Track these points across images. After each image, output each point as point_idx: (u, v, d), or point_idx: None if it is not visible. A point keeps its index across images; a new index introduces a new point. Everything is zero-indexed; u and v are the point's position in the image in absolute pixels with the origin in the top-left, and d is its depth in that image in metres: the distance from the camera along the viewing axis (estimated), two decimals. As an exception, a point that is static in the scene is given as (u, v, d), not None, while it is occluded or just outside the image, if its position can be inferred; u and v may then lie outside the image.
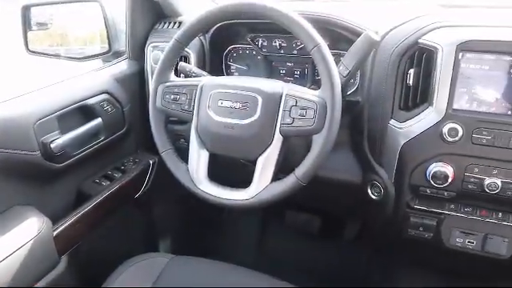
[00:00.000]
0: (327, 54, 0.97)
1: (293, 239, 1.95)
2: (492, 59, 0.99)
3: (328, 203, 1.54)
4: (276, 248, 1.96)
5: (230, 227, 2.03)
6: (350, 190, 1.27)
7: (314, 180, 1.27)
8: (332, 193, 1.37)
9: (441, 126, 1.03)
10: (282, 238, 1.98)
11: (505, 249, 1.08)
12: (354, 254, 1.81)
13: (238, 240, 2.00)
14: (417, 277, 1.52)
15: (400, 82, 1.09)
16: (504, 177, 1.01)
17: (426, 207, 1.13)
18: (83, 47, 1.68)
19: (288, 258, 1.90)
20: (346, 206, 1.46)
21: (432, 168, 1.05)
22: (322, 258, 1.86)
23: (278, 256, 1.92)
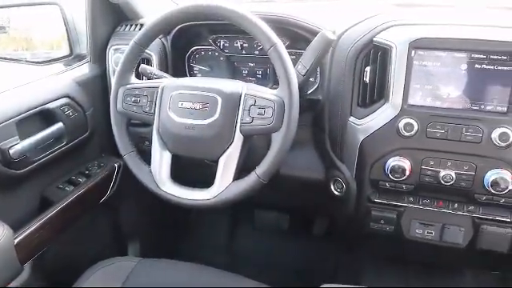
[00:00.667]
0: (284, 53, 0.99)
1: (263, 238, 1.97)
2: (443, 56, 1.03)
3: (294, 201, 1.56)
4: (246, 247, 1.98)
5: (199, 228, 2.03)
6: (314, 187, 1.30)
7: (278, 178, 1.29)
8: (297, 190, 1.39)
9: (397, 122, 1.06)
10: (252, 237, 1.99)
11: (461, 238, 1.12)
12: (323, 250, 1.84)
13: (208, 240, 2.01)
14: (383, 268, 1.55)
15: (357, 79, 1.12)
16: (457, 169, 1.05)
17: (386, 201, 1.16)
18: (49, 51, 1.66)
19: (258, 257, 1.92)
20: (312, 202, 1.49)
21: (390, 162, 1.09)
22: (292, 254, 1.88)
23: (249, 255, 1.94)
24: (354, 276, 1.61)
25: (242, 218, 2.01)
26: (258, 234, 1.98)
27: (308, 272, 1.77)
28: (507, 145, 1.00)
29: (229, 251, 1.98)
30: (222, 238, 2.00)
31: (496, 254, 1.13)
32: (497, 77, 1.01)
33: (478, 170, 1.04)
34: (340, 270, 1.72)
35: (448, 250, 1.16)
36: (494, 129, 1.01)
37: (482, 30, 1.02)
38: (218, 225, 2.01)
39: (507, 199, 1.05)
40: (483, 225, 1.10)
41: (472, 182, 1.05)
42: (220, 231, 2.01)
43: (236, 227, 2.02)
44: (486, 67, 1.01)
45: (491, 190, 1.03)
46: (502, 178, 1.02)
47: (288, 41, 1.29)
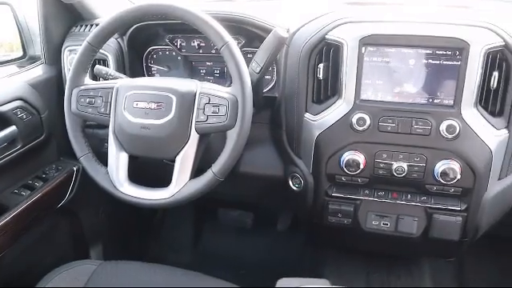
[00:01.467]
0: (236, 51, 1.00)
1: (228, 236, 1.98)
2: (392, 52, 1.06)
3: (256, 198, 1.58)
4: (212, 246, 1.98)
5: (164, 229, 2.03)
6: (273, 184, 1.31)
7: (239, 176, 1.31)
8: (257, 187, 1.41)
9: (350, 117, 1.09)
10: (218, 235, 2.00)
11: (415, 228, 1.16)
12: (288, 245, 1.87)
13: (174, 241, 2.00)
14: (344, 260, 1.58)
15: (311, 76, 1.14)
16: (409, 161, 1.09)
17: (343, 194, 1.19)
18: (9, 53, 1.61)
19: (224, 255, 1.93)
20: (273, 199, 1.50)
21: (345, 157, 1.11)
22: (257, 251, 1.90)
23: (215, 253, 1.94)
24: (316, 269, 1.64)
25: (206, 218, 2.01)
26: (223, 232, 1.99)
27: (272, 268, 1.79)
28: (454, 136, 1.04)
29: (194, 251, 1.98)
30: (188, 238, 2.00)
31: (449, 242, 1.17)
32: (443, 71, 1.05)
33: (429, 161, 1.08)
34: (304, 264, 1.74)
35: (403, 240, 1.20)
36: (442, 121, 1.05)
37: (428, 26, 1.05)
38: (183, 225, 2.01)
39: (456, 188, 1.10)
40: (435, 214, 1.14)
41: (423, 174, 1.09)
42: (185, 231, 2.01)
43: (201, 227, 2.03)
44: (433, 62, 1.05)
45: (441, 180, 1.07)
46: (451, 169, 1.06)
47: (244, 39, 1.30)
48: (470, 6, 1.21)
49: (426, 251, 1.40)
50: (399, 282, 1.52)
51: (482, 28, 1.03)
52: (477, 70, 1.02)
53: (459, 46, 1.02)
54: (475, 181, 1.08)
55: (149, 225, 1.99)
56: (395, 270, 1.54)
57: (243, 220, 1.90)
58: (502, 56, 1.04)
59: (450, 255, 1.42)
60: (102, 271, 1.15)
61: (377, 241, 1.28)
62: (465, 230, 1.15)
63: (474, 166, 1.07)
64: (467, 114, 1.04)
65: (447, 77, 1.05)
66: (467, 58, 1.02)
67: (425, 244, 1.21)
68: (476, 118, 1.05)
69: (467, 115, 1.04)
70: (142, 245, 1.97)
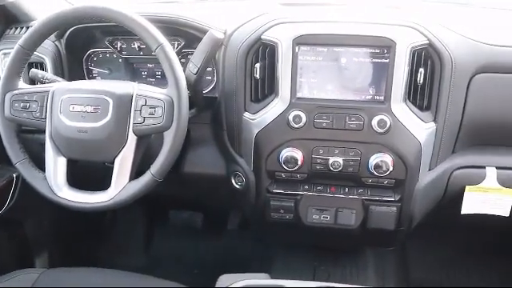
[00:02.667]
0: (170, 53, 1.01)
1: (179, 237, 1.98)
2: (325, 51, 1.10)
3: (202, 198, 1.59)
4: (163, 248, 1.98)
5: (114, 233, 2.00)
6: (217, 183, 1.33)
7: (183, 176, 1.31)
8: (202, 187, 1.42)
9: (287, 114, 1.12)
10: (169, 237, 1.99)
11: (353, 219, 1.21)
12: (238, 243, 1.89)
13: (124, 244, 1.98)
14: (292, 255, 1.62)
15: (249, 76, 1.16)
16: (344, 155, 1.13)
17: (284, 190, 1.22)
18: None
19: (177, 256, 1.92)
20: (218, 198, 1.52)
21: (283, 153, 1.14)
22: (208, 251, 1.91)
23: (167, 255, 1.94)
24: (266, 266, 1.67)
25: (157, 219, 2.00)
26: (175, 233, 1.99)
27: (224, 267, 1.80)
28: (385, 130, 1.09)
29: (146, 253, 1.97)
30: (139, 241, 1.98)
31: (385, 232, 1.22)
32: (373, 69, 1.10)
33: (363, 155, 1.13)
34: (254, 262, 1.76)
35: (343, 231, 1.24)
36: (374, 116, 1.09)
37: (357, 26, 1.10)
38: (133, 228, 1.99)
39: (390, 180, 1.15)
40: (371, 206, 1.19)
41: (358, 167, 1.14)
42: (136, 234, 1.99)
43: (152, 229, 2.01)
44: (363, 60, 1.10)
45: (375, 172, 1.12)
46: (384, 162, 1.11)
47: (183, 41, 1.31)
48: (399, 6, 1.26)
49: (365, 241, 1.45)
50: (344, 273, 1.57)
51: (408, 27, 1.09)
52: (404, 67, 1.07)
53: (387, 45, 1.07)
54: (407, 172, 1.14)
55: (98, 229, 1.96)
56: (341, 262, 1.59)
57: (193, 220, 1.91)
58: (427, 54, 1.09)
59: (389, 244, 1.48)
60: (45, 279, 1.13)
61: (319, 234, 1.32)
62: (400, 220, 1.21)
63: (405, 158, 1.12)
64: (397, 108, 1.09)
65: (377, 74, 1.09)
66: (394, 55, 1.07)
67: (364, 235, 1.25)
68: (405, 113, 1.10)
69: (397, 110, 1.09)
70: (92, 250, 1.93)
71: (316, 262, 1.60)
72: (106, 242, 1.98)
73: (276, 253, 1.68)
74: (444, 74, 1.10)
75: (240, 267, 1.73)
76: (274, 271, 1.62)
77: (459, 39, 1.13)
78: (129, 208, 1.85)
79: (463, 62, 1.10)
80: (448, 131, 1.15)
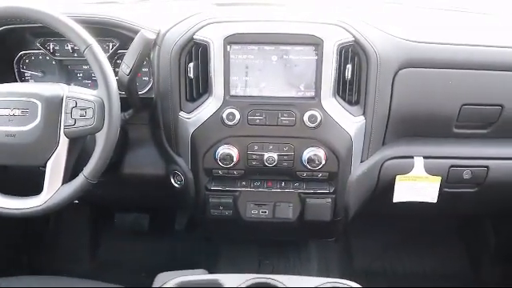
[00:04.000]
0: (99, 53, 1.00)
1: (126, 240, 1.96)
2: (256, 49, 1.13)
3: (145, 199, 1.58)
4: (110, 252, 1.95)
5: (58, 240, 1.96)
6: (157, 183, 1.33)
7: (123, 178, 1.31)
8: (143, 188, 1.41)
9: (221, 112, 1.14)
10: (116, 240, 1.97)
11: (291, 213, 1.24)
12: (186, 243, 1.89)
13: (69, 251, 1.94)
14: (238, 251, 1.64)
15: (183, 75, 1.17)
16: (278, 151, 1.16)
17: (222, 187, 1.24)
18: None
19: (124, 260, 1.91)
20: (160, 198, 1.52)
21: (219, 151, 1.16)
22: (157, 252, 1.90)
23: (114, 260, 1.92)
24: (212, 263, 1.68)
25: (103, 223, 1.97)
26: (121, 237, 1.97)
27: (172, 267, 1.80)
28: (316, 125, 1.13)
29: (92, 259, 1.94)
30: (84, 247, 1.95)
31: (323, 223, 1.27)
32: (303, 66, 1.13)
33: (296, 149, 1.16)
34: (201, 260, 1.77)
35: (283, 225, 1.28)
36: (305, 112, 1.13)
37: (286, 24, 1.13)
38: (78, 233, 1.95)
39: (323, 173, 1.19)
40: (308, 198, 1.23)
41: (292, 162, 1.17)
42: (81, 240, 1.95)
43: (98, 233, 1.99)
44: (293, 58, 1.13)
45: (309, 166, 1.16)
46: (316, 155, 1.15)
47: (118, 42, 1.30)
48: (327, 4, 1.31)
49: (305, 234, 1.50)
50: (288, 266, 1.61)
51: (335, 26, 1.13)
52: (332, 63, 1.11)
53: (315, 42, 1.11)
54: (339, 165, 1.18)
55: (40, 237, 1.91)
56: (284, 254, 1.63)
57: (140, 223, 1.89)
58: (354, 50, 1.14)
59: (329, 235, 1.53)
60: None
61: (261, 229, 1.35)
62: (335, 211, 1.25)
63: (337, 151, 1.17)
64: (327, 104, 1.13)
65: (307, 71, 1.13)
66: (322, 53, 1.11)
67: (302, 227, 1.29)
68: (335, 108, 1.15)
69: (327, 105, 1.13)
70: (35, 259, 1.88)
71: (261, 256, 1.63)
72: (50, 249, 1.94)
73: (222, 250, 1.70)
74: (370, 69, 1.15)
75: (187, 267, 1.75)
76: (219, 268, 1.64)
77: (384, 36, 1.19)
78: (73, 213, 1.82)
79: (388, 57, 1.16)
80: (377, 124, 1.20)
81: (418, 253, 1.96)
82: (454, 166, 1.30)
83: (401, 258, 1.95)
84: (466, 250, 1.98)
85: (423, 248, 1.97)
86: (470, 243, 1.97)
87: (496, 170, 1.31)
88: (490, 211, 1.73)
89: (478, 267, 1.90)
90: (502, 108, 1.24)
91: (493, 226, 1.86)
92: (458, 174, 1.31)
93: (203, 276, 0.94)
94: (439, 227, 2.03)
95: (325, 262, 1.69)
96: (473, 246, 1.96)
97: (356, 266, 1.89)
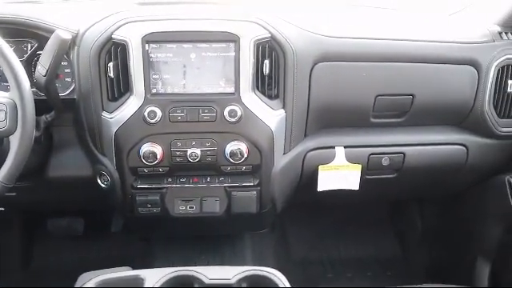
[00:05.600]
0: (9, 54, 0.99)
1: (61, 245, 1.92)
2: (174, 47, 1.15)
3: (76, 202, 1.56)
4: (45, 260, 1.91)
5: None
6: (84, 184, 1.32)
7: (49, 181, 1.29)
8: (71, 190, 1.40)
9: (142, 111, 1.15)
10: (50, 247, 1.93)
11: (218, 207, 1.27)
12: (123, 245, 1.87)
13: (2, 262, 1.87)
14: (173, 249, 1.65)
15: (103, 75, 1.17)
16: (201, 146, 1.19)
17: (148, 185, 1.25)
18: None
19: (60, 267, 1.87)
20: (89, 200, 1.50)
21: (143, 149, 1.17)
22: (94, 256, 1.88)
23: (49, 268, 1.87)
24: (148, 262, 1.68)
25: (36, 231, 1.92)
26: (55, 243, 1.92)
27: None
28: (237, 120, 1.16)
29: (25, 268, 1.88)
30: (16, 256, 1.88)
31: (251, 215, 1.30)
32: (222, 62, 1.16)
33: (219, 144, 1.19)
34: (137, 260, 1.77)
35: (211, 219, 1.30)
36: (225, 107, 1.16)
37: (203, 22, 1.16)
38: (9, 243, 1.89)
39: (247, 166, 1.22)
40: (233, 192, 1.26)
41: (216, 156, 1.20)
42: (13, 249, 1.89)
43: (31, 241, 1.93)
44: (212, 55, 1.15)
45: (232, 160, 1.19)
46: (238, 149, 1.18)
47: (36, 42, 1.28)
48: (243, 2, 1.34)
49: (235, 227, 1.53)
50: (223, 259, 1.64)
51: (251, 22, 1.17)
52: (249, 59, 1.15)
53: (231, 39, 1.14)
54: (262, 158, 1.22)
55: None
56: (220, 249, 1.65)
57: (74, 227, 1.86)
58: (271, 46, 1.18)
59: (258, 227, 1.57)
60: None
61: (190, 224, 1.37)
62: (261, 202, 1.29)
63: (259, 144, 1.20)
64: (246, 99, 1.17)
65: (226, 67, 1.16)
66: (239, 49, 1.14)
67: (231, 220, 1.32)
68: (255, 102, 1.18)
69: (247, 100, 1.17)
70: None
71: (197, 252, 1.64)
72: None
73: (158, 249, 1.70)
74: (287, 64, 1.19)
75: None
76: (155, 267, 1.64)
77: (300, 32, 1.24)
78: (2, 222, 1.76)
79: (304, 52, 1.21)
80: (297, 117, 1.25)
81: (354, 240, 2.05)
82: (373, 154, 1.37)
83: (337, 246, 2.02)
84: (397, 234, 2.08)
85: (358, 235, 2.05)
86: (400, 228, 2.08)
87: (411, 156, 1.40)
88: (410, 195, 1.83)
89: (408, 249, 2.01)
90: (414, 97, 1.32)
91: (419, 211, 1.96)
92: (378, 161, 1.38)
93: (124, 273, 0.95)
94: (372, 215, 2.12)
95: (260, 254, 1.73)
96: (403, 230, 2.06)
97: (293, 255, 1.94)
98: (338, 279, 1.86)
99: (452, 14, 1.64)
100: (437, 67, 1.32)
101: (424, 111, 1.35)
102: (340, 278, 1.87)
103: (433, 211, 1.90)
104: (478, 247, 1.60)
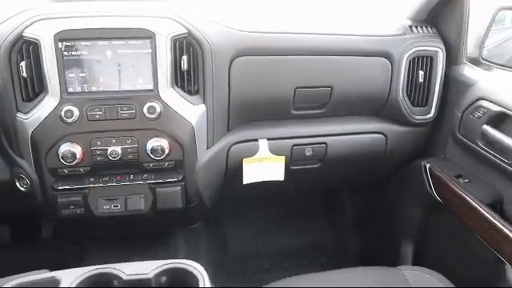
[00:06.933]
0: None
1: None
2: (89, 45, 1.13)
3: None
4: None
5: None
6: (2, 189, 1.28)
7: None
8: None
9: (58, 110, 1.13)
10: None
11: (143, 204, 1.27)
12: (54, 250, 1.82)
13: None
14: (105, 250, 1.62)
15: (16, 75, 1.14)
16: (122, 144, 1.18)
17: (70, 186, 1.22)
18: None
19: None
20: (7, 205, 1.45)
21: (61, 149, 1.15)
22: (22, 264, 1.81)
23: None
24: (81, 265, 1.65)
25: None
26: None
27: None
28: (156, 116, 1.17)
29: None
30: None
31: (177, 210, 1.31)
32: (139, 59, 1.16)
33: (140, 141, 1.19)
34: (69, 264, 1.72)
35: (138, 217, 1.29)
36: (144, 104, 1.16)
37: (118, 19, 1.15)
38: None
39: (170, 162, 1.23)
40: (158, 188, 1.26)
41: (137, 154, 1.20)
42: None
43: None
44: (128, 52, 1.15)
45: (153, 157, 1.20)
46: (159, 145, 1.19)
47: None
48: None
49: (164, 223, 1.53)
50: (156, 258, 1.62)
51: (166, 19, 1.17)
52: (166, 55, 1.15)
53: (147, 36, 1.14)
54: (184, 153, 1.23)
55: None
56: (153, 247, 1.64)
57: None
58: (189, 42, 1.19)
59: (188, 222, 1.58)
60: None
61: (117, 224, 1.35)
62: (187, 197, 1.30)
63: (180, 140, 1.21)
64: (165, 95, 1.17)
65: (144, 63, 1.16)
66: (155, 45, 1.14)
67: (158, 217, 1.32)
68: (174, 98, 1.19)
69: (166, 96, 1.18)
70: None
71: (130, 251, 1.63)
72: None
73: (90, 251, 1.67)
74: (205, 59, 1.21)
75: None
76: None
77: (218, 28, 1.25)
78: None
79: (222, 48, 1.23)
80: (219, 112, 1.27)
81: (289, 231, 2.10)
82: (296, 145, 1.42)
83: (273, 238, 2.06)
84: (331, 223, 2.15)
85: (293, 226, 2.11)
86: (333, 216, 2.15)
87: (333, 146, 1.46)
88: (337, 184, 1.90)
89: (341, 237, 2.08)
90: (332, 89, 1.37)
91: (349, 199, 2.04)
92: (301, 151, 1.43)
93: (40, 275, 0.93)
94: (306, 205, 2.18)
95: (194, 250, 1.74)
96: (335, 218, 2.13)
97: (229, 250, 1.96)
98: (275, 270, 1.91)
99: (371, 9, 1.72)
100: (353, 59, 1.38)
101: (343, 102, 1.41)
102: (276, 269, 1.91)
103: (362, 199, 1.98)
104: (402, 230, 1.69)
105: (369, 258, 1.92)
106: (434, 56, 1.43)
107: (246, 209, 2.05)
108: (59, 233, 1.79)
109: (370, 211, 1.94)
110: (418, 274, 1.18)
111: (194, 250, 1.74)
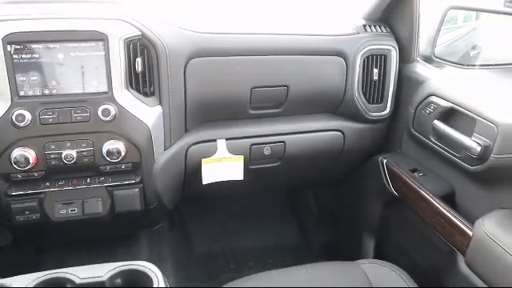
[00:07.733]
0: None
1: None
2: (40, 48, 1.11)
3: None
4: None
5: None
6: None
7: None
8: None
9: (10, 115, 1.11)
10: None
11: (101, 207, 1.26)
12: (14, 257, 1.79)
13: None
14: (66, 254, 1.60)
15: None
16: (77, 147, 1.17)
17: (24, 191, 1.20)
18: None
19: None
20: None
21: (13, 154, 1.13)
22: None
23: None
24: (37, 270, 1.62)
25: None
26: None
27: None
28: (111, 119, 1.16)
29: None
30: None
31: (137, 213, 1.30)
32: (92, 61, 1.14)
33: (95, 144, 1.18)
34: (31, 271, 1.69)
35: (96, 220, 1.28)
36: (99, 106, 1.15)
37: (69, 21, 1.14)
38: None
39: (126, 164, 1.23)
40: (115, 191, 1.26)
41: (93, 157, 1.19)
42: None
43: None
44: (81, 54, 1.14)
45: (109, 159, 1.19)
46: (115, 148, 1.18)
47: None
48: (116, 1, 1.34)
49: (124, 226, 1.52)
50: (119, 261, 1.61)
51: (119, 21, 1.17)
52: (119, 57, 1.15)
53: (99, 38, 1.13)
54: (141, 155, 1.23)
55: None
56: (116, 250, 1.63)
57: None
58: (143, 44, 1.19)
59: (149, 224, 1.58)
60: None
61: (76, 228, 1.34)
62: (146, 199, 1.30)
63: (136, 142, 1.21)
64: (120, 97, 1.17)
65: (97, 66, 1.15)
66: (108, 48, 1.14)
67: (117, 220, 1.31)
68: (129, 100, 1.19)
69: (120, 98, 1.17)
70: None
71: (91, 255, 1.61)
72: None
73: (52, 257, 1.65)
74: (160, 61, 1.21)
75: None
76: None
77: (172, 29, 1.26)
78: None
79: (176, 49, 1.23)
80: (175, 113, 1.27)
81: (255, 229, 2.11)
82: (255, 144, 1.44)
83: (238, 237, 2.07)
84: (296, 220, 2.18)
85: (259, 224, 2.12)
86: (299, 214, 2.18)
87: (292, 144, 1.48)
88: (298, 182, 1.93)
89: (307, 234, 2.11)
90: (288, 88, 1.39)
91: (314, 196, 2.07)
92: (259, 151, 1.45)
93: (-11, 282, 0.91)
94: (272, 204, 2.20)
95: (158, 252, 1.73)
96: (301, 215, 2.16)
97: (194, 250, 1.96)
98: (240, 270, 1.92)
99: (328, 10, 1.75)
100: (308, 59, 1.41)
101: (299, 101, 1.43)
102: (242, 269, 1.92)
103: (324, 196, 2.01)
104: (363, 224, 1.72)
105: (333, 253, 1.95)
106: (387, 54, 1.47)
107: (210, 209, 2.06)
108: (19, 240, 1.75)
109: (333, 208, 1.98)
110: (376, 267, 1.21)
111: (157, 252, 1.73)
